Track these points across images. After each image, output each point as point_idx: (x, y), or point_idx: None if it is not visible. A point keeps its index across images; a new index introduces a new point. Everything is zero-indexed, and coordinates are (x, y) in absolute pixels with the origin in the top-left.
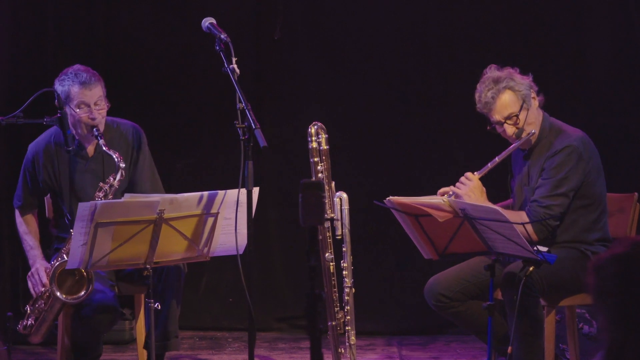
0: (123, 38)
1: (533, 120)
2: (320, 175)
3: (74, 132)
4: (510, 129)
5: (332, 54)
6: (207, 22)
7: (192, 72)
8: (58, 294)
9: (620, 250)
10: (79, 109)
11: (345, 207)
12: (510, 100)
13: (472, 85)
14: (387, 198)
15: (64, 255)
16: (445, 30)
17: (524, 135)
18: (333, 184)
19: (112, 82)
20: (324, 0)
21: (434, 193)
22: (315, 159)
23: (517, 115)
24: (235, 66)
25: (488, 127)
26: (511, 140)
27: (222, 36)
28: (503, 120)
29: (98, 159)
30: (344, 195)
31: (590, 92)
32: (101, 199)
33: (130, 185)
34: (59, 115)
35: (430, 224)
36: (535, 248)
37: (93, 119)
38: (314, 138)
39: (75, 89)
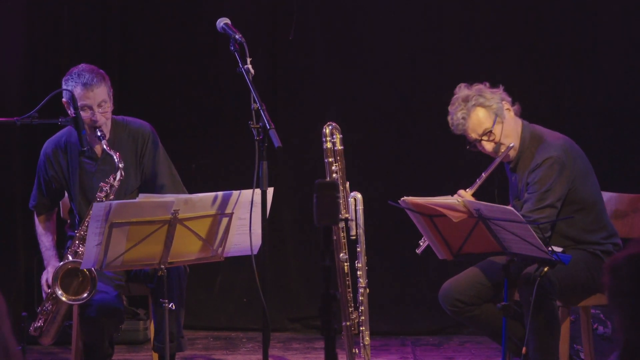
0: (138, 38)
1: (510, 132)
2: (334, 175)
3: None
4: (488, 145)
5: (346, 54)
6: (222, 22)
7: (207, 72)
8: (59, 294)
9: (636, 251)
10: (82, 111)
11: (360, 207)
12: (483, 117)
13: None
14: (402, 198)
15: (69, 256)
16: (460, 30)
17: (502, 149)
18: (347, 184)
19: (127, 83)
20: (339, 0)
21: (449, 193)
22: (330, 159)
23: (491, 131)
24: (249, 66)
25: (467, 147)
26: (492, 156)
27: (237, 36)
28: (479, 138)
29: (107, 160)
30: (359, 196)
31: (604, 91)
32: (102, 199)
33: (150, 179)
34: (73, 115)
35: (444, 224)
36: (550, 248)
37: (95, 122)
38: (328, 138)
39: (78, 91)
